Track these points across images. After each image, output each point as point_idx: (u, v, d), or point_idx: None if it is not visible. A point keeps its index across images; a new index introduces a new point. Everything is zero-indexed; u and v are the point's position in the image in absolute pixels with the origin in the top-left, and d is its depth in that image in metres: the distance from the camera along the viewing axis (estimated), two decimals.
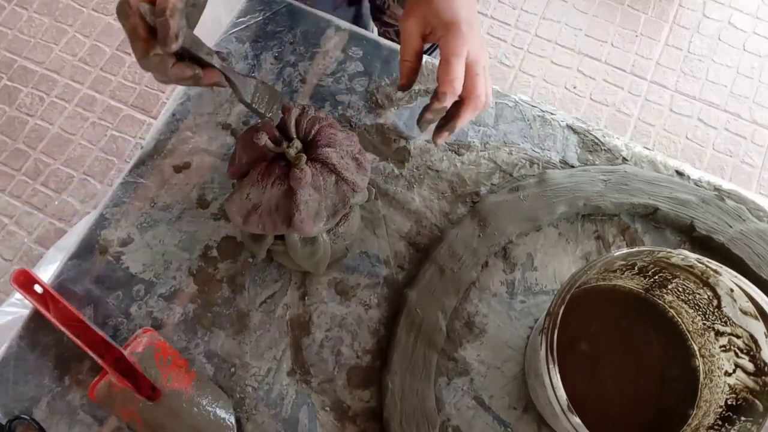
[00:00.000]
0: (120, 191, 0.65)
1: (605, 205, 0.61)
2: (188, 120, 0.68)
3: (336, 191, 0.46)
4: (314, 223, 0.45)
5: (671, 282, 0.52)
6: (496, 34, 1.74)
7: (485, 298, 0.60)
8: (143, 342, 0.55)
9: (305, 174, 0.43)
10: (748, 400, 0.47)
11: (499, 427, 0.55)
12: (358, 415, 0.56)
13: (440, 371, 0.57)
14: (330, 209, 0.46)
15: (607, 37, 1.74)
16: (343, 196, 0.46)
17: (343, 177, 0.45)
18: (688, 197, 0.61)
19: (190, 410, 0.53)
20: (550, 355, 0.44)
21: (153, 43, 0.44)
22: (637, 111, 1.64)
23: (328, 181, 0.45)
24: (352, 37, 0.72)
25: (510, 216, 0.61)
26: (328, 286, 0.61)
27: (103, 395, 0.53)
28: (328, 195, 0.46)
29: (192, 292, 0.61)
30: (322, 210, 0.46)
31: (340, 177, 0.45)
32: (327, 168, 0.45)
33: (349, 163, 0.46)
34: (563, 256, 0.61)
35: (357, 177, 0.46)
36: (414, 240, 0.62)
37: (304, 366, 0.58)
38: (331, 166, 0.45)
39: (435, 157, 0.66)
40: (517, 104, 0.69)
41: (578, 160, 0.66)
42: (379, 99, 0.69)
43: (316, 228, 0.46)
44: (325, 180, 0.45)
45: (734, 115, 1.64)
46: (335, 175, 0.45)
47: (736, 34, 1.74)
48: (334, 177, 0.45)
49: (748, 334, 0.47)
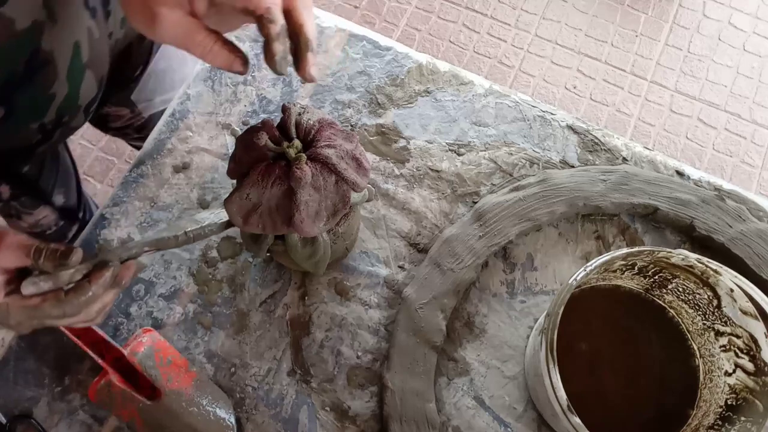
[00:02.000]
0: (120, 191, 0.65)
1: (605, 205, 0.61)
2: (188, 120, 0.68)
3: (336, 191, 0.46)
4: (314, 223, 0.45)
5: (671, 282, 0.52)
6: (496, 34, 1.74)
7: (485, 298, 0.60)
8: (143, 342, 0.55)
9: (305, 173, 0.43)
10: (748, 400, 0.47)
11: (499, 427, 0.55)
12: (358, 415, 0.56)
13: (440, 371, 0.57)
14: (330, 209, 0.46)
15: (607, 37, 1.74)
16: (343, 196, 0.46)
17: (343, 177, 0.45)
18: (688, 197, 0.61)
19: (190, 410, 0.53)
20: (550, 355, 0.44)
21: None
22: (637, 111, 1.64)
23: (328, 181, 0.45)
24: (352, 37, 0.72)
25: (510, 216, 0.61)
26: (328, 286, 0.61)
27: (103, 395, 0.53)
28: (328, 195, 0.46)
29: (192, 292, 0.61)
30: (322, 210, 0.46)
31: (341, 177, 0.45)
32: (327, 168, 0.45)
33: (349, 163, 0.46)
34: (563, 256, 0.61)
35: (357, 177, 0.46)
36: (414, 240, 0.62)
37: (304, 366, 0.58)
38: (331, 166, 0.44)
39: (435, 157, 0.66)
40: (517, 104, 0.69)
41: (578, 160, 0.66)
42: (379, 99, 0.69)
43: (317, 228, 0.46)
44: (325, 180, 0.45)
45: (734, 115, 1.64)
46: (335, 175, 0.45)
47: (736, 34, 1.74)
48: (334, 177, 0.45)
49: (748, 334, 0.47)
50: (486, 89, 0.69)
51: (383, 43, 0.72)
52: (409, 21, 1.76)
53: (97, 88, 0.62)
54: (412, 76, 0.70)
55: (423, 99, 0.69)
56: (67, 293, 0.40)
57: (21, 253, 0.40)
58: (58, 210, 0.79)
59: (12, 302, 0.40)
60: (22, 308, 0.40)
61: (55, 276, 0.40)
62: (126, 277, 0.43)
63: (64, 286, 0.41)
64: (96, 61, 0.59)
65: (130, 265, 0.43)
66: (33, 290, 0.40)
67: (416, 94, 0.69)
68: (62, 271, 0.40)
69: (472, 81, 0.70)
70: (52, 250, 0.40)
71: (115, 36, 0.61)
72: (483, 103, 0.69)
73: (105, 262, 0.41)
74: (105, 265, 0.41)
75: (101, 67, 0.61)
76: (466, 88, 0.69)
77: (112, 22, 0.59)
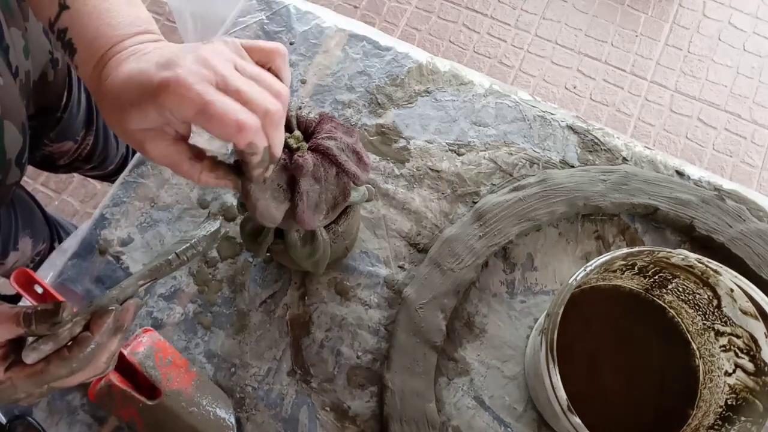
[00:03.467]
0: (120, 191, 0.65)
1: (605, 205, 0.61)
2: None
3: (336, 183, 0.46)
4: (314, 215, 0.45)
5: (671, 282, 0.52)
6: (496, 34, 1.74)
7: (485, 298, 0.60)
8: (143, 342, 0.55)
9: (306, 161, 0.43)
10: (748, 400, 0.47)
11: (499, 427, 0.55)
12: (358, 415, 0.56)
13: (440, 371, 0.57)
14: (330, 201, 0.46)
15: (607, 37, 1.74)
16: (343, 189, 0.46)
17: (344, 168, 0.45)
18: (688, 197, 0.61)
19: (190, 410, 0.53)
20: (550, 355, 0.44)
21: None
22: (637, 111, 1.64)
23: (329, 172, 0.45)
24: (352, 36, 0.72)
25: (510, 216, 0.61)
26: (328, 286, 0.61)
27: (103, 395, 0.53)
28: (328, 187, 0.46)
29: (192, 292, 0.61)
30: (322, 202, 0.46)
31: (341, 168, 0.45)
32: (328, 159, 0.45)
33: (349, 156, 0.46)
34: (563, 256, 0.61)
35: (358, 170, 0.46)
36: (414, 240, 0.62)
37: (304, 366, 0.58)
38: (332, 157, 0.44)
39: (435, 157, 0.66)
40: (517, 104, 0.69)
41: (578, 160, 0.66)
42: (379, 99, 0.69)
43: (316, 220, 0.46)
44: (326, 171, 0.45)
45: (734, 115, 1.64)
46: (336, 167, 0.45)
47: (736, 34, 1.74)
48: (335, 169, 0.45)
49: (748, 334, 0.47)
50: (486, 89, 0.69)
51: (383, 43, 0.72)
52: (409, 21, 1.76)
53: (21, 136, 0.58)
54: (412, 76, 0.70)
55: (423, 99, 0.69)
56: (70, 349, 0.38)
57: (9, 324, 0.37)
58: (31, 247, 0.76)
59: (15, 375, 0.37)
60: (27, 378, 0.38)
61: (55, 336, 0.38)
62: (127, 320, 0.40)
63: (65, 343, 0.38)
64: (10, 110, 0.55)
65: (129, 306, 0.41)
66: (36, 356, 0.37)
67: (416, 94, 0.69)
68: (60, 329, 0.38)
69: (472, 81, 0.70)
70: (41, 312, 0.37)
71: (22, 69, 0.57)
72: (483, 103, 0.69)
73: (104, 308, 0.39)
74: (105, 311, 0.39)
75: (18, 113, 0.57)
76: (466, 88, 0.69)
77: (12, 56, 0.55)
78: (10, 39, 0.55)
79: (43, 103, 0.66)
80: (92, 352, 0.38)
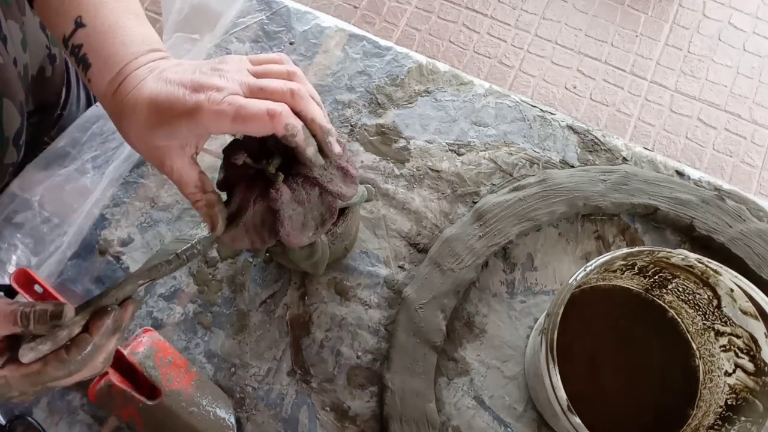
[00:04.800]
0: (120, 191, 0.65)
1: (605, 205, 0.61)
2: None
3: (321, 202, 0.45)
4: (302, 234, 0.45)
5: (671, 282, 0.52)
6: (496, 34, 1.74)
7: (485, 298, 0.60)
8: (143, 342, 0.55)
9: (281, 194, 0.42)
10: (748, 400, 0.47)
11: (499, 427, 0.55)
12: (358, 415, 0.56)
13: (440, 371, 0.57)
14: (317, 219, 0.45)
15: (607, 37, 1.74)
16: (329, 207, 0.45)
17: (326, 189, 0.44)
18: (688, 197, 0.61)
19: (190, 410, 0.53)
20: (550, 355, 0.44)
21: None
22: (637, 111, 1.64)
23: (312, 194, 0.44)
24: (352, 36, 0.72)
25: (510, 216, 0.61)
26: (327, 286, 0.61)
27: (103, 395, 0.53)
28: (313, 207, 0.44)
29: (192, 292, 0.61)
30: (309, 221, 0.45)
31: (324, 189, 0.44)
32: (309, 182, 0.44)
33: (333, 174, 0.44)
34: (563, 256, 0.61)
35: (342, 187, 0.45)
36: (414, 240, 0.62)
37: (304, 366, 0.58)
38: (312, 179, 0.44)
39: (435, 157, 0.66)
40: (517, 104, 0.69)
41: (578, 160, 0.66)
42: (379, 99, 0.69)
43: (305, 238, 0.45)
44: (308, 193, 0.44)
45: (734, 115, 1.64)
46: (318, 188, 0.44)
47: (736, 34, 1.74)
48: (318, 189, 0.44)
49: (748, 334, 0.47)
50: (486, 89, 0.69)
51: (383, 43, 0.72)
52: (409, 21, 1.76)
53: (20, 116, 0.59)
54: (412, 76, 0.70)
55: (423, 99, 0.69)
56: (69, 350, 0.38)
57: (6, 322, 0.37)
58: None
59: (10, 373, 0.37)
60: (23, 378, 0.37)
61: (53, 336, 0.37)
62: (125, 320, 0.40)
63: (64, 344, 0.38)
64: (8, 88, 0.56)
65: (128, 306, 0.40)
66: (33, 356, 0.37)
67: (416, 94, 0.69)
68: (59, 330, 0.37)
69: (471, 81, 0.70)
70: (41, 312, 0.37)
71: (21, 61, 0.58)
72: (483, 103, 0.69)
73: (103, 308, 0.39)
74: (104, 312, 0.39)
75: (17, 93, 0.57)
76: (466, 88, 0.69)
77: (11, 47, 0.56)
78: (7, 30, 0.56)
79: (42, 99, 0.67)
80: (90, 353, 0.38)
